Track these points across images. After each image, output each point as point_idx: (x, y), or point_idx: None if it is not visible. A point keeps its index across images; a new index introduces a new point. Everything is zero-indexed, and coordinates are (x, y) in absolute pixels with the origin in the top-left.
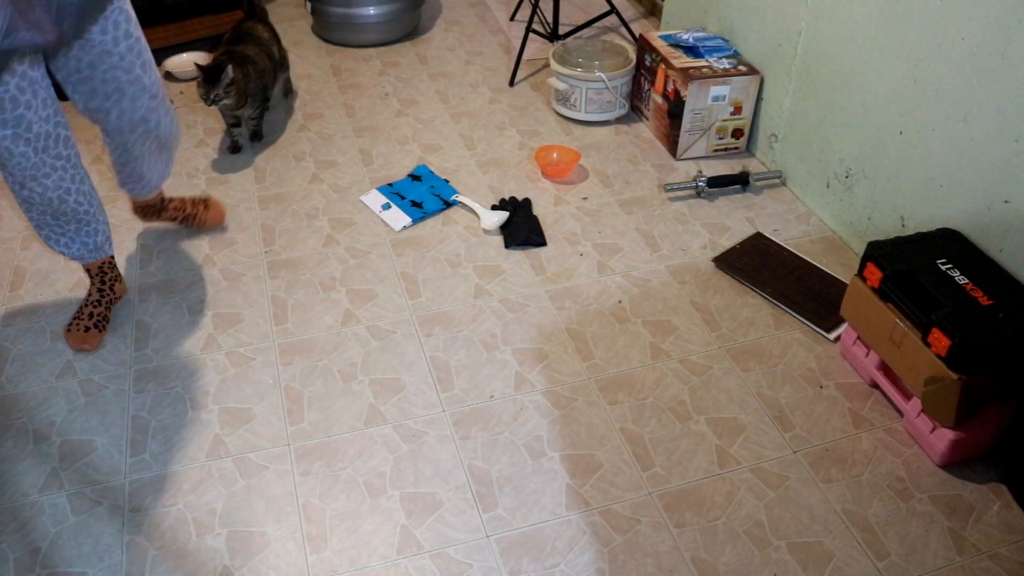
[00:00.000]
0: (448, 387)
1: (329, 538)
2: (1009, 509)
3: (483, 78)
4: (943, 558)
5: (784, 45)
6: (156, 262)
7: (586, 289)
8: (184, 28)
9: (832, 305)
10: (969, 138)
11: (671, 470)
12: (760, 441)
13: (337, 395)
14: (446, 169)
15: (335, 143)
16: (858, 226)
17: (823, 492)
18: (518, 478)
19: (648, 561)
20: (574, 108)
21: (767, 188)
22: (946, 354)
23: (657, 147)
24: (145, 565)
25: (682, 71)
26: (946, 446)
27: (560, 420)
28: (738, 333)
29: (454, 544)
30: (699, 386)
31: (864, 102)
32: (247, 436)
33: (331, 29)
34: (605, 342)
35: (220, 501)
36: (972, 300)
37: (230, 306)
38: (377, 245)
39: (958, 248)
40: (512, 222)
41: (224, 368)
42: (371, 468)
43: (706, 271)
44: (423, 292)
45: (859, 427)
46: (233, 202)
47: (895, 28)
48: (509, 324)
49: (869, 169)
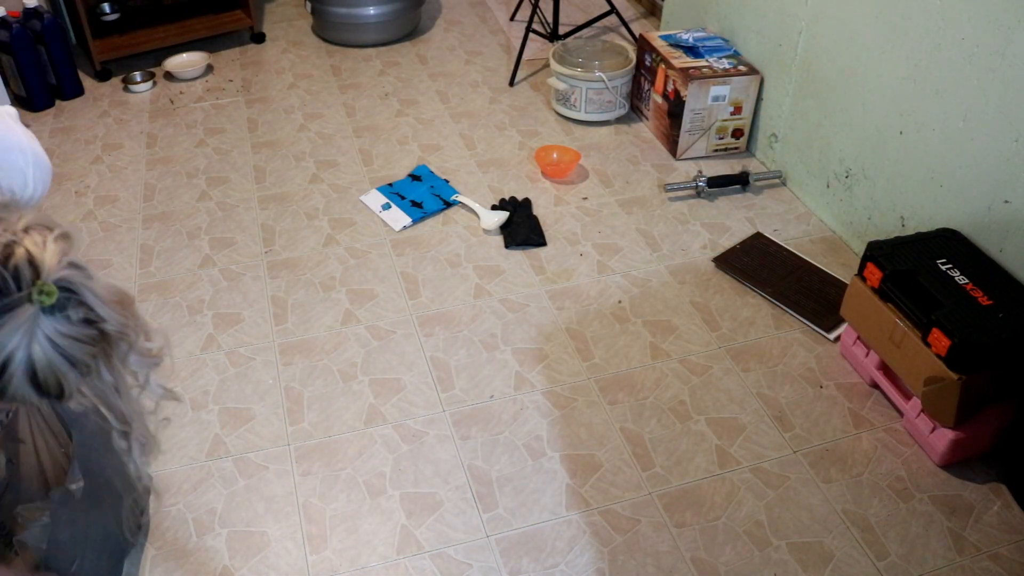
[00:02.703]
0: (448, 387)
1: (329, 538)
2: (1009, 509)
3: (483, 78)
4: (943, 558)
5: (784, 45)
6: (156, 262)
7: (586, 289)
8: (184, 28)
9: (832, 305)
10: (969, 138)
11: (671, 470)
12: (760, 441)
13: (337, 395)
14: (446, 169)
15: (335, 143)
16: (858, 226)
17: (823, 492)
18: (518, 478)
19: (648, 561)
20: (574, 108)
21: (767, 188)
22: (946, 354)
23: (657, 147)
24: (145, 565)
25: (682, 71)
26: (946, 446)
27: (560, 420)
28: (738, 333)
29: (454, 544)
30: (699, 386)
31: (864, 102)
32: (247, 436)
33: (331, 29)
34: (605, 342)
35: (220, 501)
36: (972, 300)
37: (230, 306)
38: (377, 245)
39: (958, 248)
40: (512, 222)
41: (224, 368)
42: (371, 468)
43: (706, 271)
44: (423, 292)
45: (859, 427)
46: (233, 202)
47: (895, 28)
48: (509, 324)
49: (869, 169)
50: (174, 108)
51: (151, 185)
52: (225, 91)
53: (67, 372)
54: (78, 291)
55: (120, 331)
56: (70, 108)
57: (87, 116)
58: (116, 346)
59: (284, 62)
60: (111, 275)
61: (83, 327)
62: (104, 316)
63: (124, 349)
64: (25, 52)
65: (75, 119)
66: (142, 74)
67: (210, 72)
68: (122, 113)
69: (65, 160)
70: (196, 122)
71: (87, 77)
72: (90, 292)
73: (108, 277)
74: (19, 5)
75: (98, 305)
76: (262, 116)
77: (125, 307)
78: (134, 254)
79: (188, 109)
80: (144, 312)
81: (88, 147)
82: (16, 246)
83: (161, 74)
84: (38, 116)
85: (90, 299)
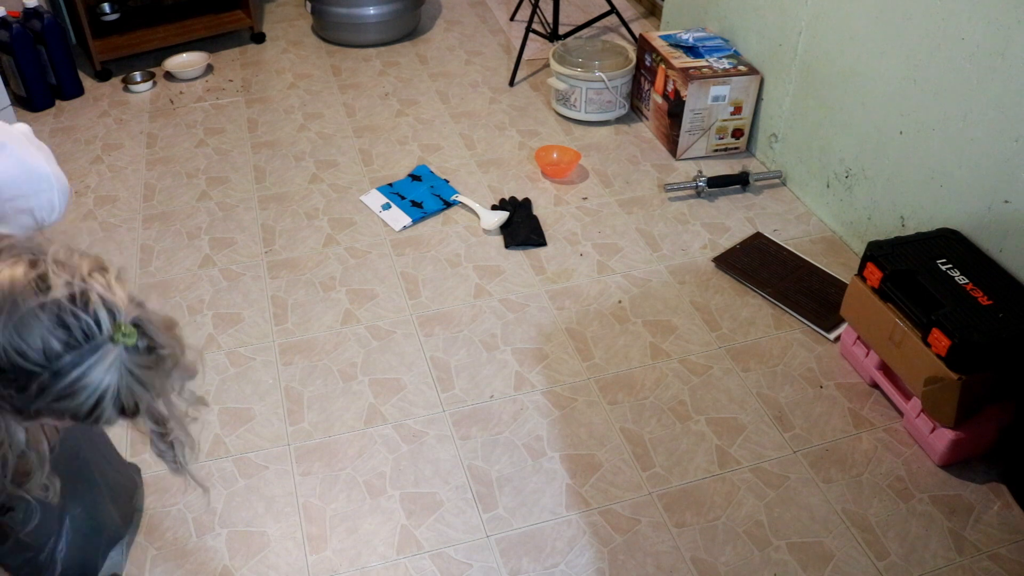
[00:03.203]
0: (448, 387)
1: (329, 538)
2: (1009, 509)
3: (483, 78)
4: (943, 558)
5: (784, 45)
6: (156, 262)
7: (586, 289)
8: (184, 28)
9: (832, 305)
10: (969, 138)
11: (671, 470)
12: (760, 441)
13: (337, 395)
14: (446, 169)
15: (335, 143)
16: (858, 226)
17: (823, 492)
18: (518, 478)
19: (648, 561)
20: (574, 108)
21: (767, 188)
22: (946, 354)
23: (657, 147)
24: (145, 565)
25: (682, 71)
26: (946, 446)
27: (560, 420)
28: (738, 333)
29: (454, 544)
30: (699, 386)
31: (864, 102)
32: (247, 436)
33: (331, 29)
34: (605, 342)
35: (220, 501)
36: (972, 300)
37: (230, 306)
38: (377, 245)
39: (958, 248)
40: (512, 222)
41: (224, 368)
42: (371, 468)
43: (706, 271)
44: (423, 292)
45: (859, 427)
46: (233, 202)
47: (895, 28)
48: (509, 324)
49: (869, 169)
50: (174, 108)
51: (151, 185)
52: (225, 91)
53: (143, 395)
54: (144, 326)
55: (172, 353)
56: (70, 108)
57: (87, 116)
58: (168, 364)
59: (284, 62)
60: None
61: (148, 355)
62: (162, 343)
63: (170, 366)
64: (25, 52)
65: (75, 119)
66: (142, 74)
67: (210, 72)
68: (122, 113)
69: (65, 160)
70: (196, 122)
71: (87, 77)
72: (151, 325)
73: None
74: (19, 5)
75: (157, 335)
76: (262, 116)
77: (172, 331)
78: (134, 254)
79: (188, 109)
80: None
81: (88, 147)
82: (90, 291)
83: (161, 74)
84: (38, 116)
85: (151, 330)
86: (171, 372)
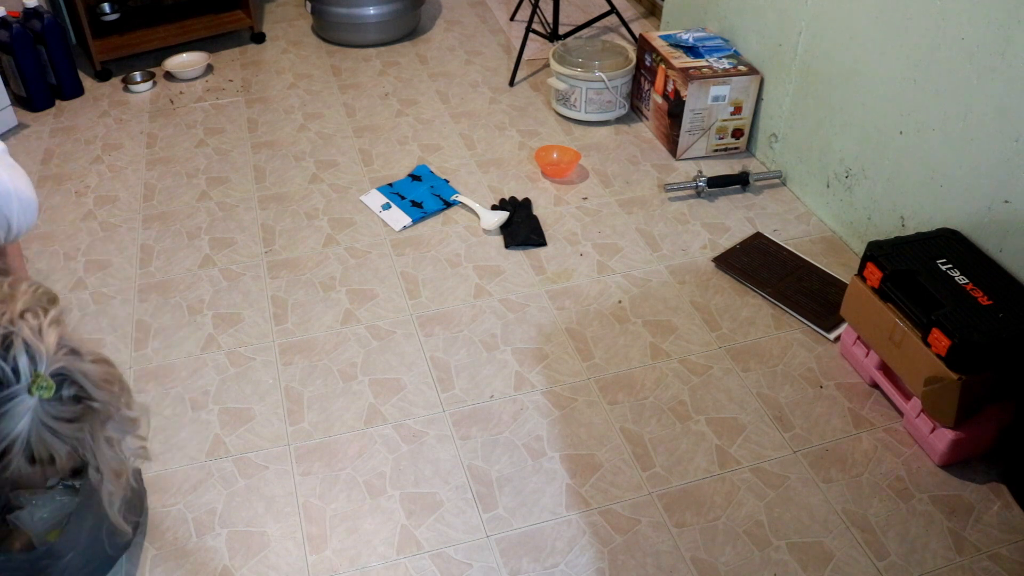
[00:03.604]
0: (448, 387)
1: (329, 538)
2: (1009, 509)
3: (483, 78)
4: (943, 558)
5: (784, 45)
6: (156, 262)
7: (586, 289)
8: (184, 28)
9: (832, 305)
10: (969, 138)
11: (671, 470)
12: (760, 441)
13: (337, 395)
14: (446, 169)
15: (335, 143)
16: (858, 226)
17: (823, 492)
18: (518, 478)
19: (648, 561)
20: (574, 108)
21: (767, 188)
22: (946, 354)
23: (657, 147)
24: (145, 565)
25: (682, 71)
26: (946, 446)
27: (560, 420)
28: (738, 333)
29: (454, 544)
30: (699, 386)
31: (864, 102)
32: (247, 436)
33: (331, 29)
34: (605, 342)
35: (220, 501)
36: (972, 300)
37: (230, 306)
38: (377, 245)
39: (958, 248)
40: (512, 222)
41: (224, 368)
42: (371, 468)
43: (706, 271)
44: (423, 292)
45: (859, 427)
46: (233, 202)
47: (895, 28)
48: (509, 324)
49: (869, 169)
50: (174, 108)
51: (151, 185)
52: (225, 91)
53: (58, 447)
54: (72, 375)
55: (104, 407)
56: (70, 108)
57: (87, 116)
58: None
59: (284, 62)
60: (111, 275)
61: (73, 404)
62: (93, 396)
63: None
64: (25, 52)
65: (75, 119)
66: (142, 74)
67: (210, 72)
68: (122, 113)
69: (65, 160)
70: (196, 122)
71: (87, 77)
72: (82, 375)
73: (108, 277)
74: (19, 5)
75: (88, 386)
76: (262, 116)
77: (111, 383)
78: (134, 254)
79: (188, 109)
80: (144, 312)
81: (88, 147)
82: (15, 336)
83: (161, 74)
84: (38, 116)
85: (81, 380)
86: (105, 424)
